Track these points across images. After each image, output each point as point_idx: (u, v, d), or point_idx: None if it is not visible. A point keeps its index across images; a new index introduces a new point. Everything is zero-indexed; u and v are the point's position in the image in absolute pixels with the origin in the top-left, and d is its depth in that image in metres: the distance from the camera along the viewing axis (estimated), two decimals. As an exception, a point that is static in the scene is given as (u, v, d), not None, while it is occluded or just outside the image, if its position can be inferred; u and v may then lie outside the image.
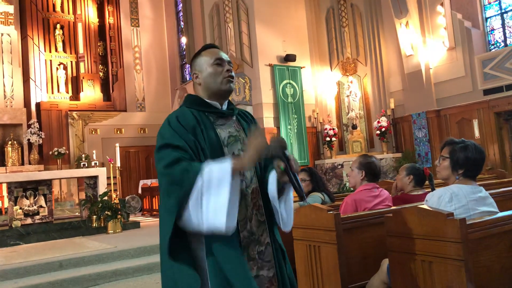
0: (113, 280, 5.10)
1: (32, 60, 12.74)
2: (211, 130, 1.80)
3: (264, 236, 1.78)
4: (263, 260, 1.76)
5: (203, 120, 1.81)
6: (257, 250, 1.75)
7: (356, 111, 11.04)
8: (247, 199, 1.77)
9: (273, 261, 1.78)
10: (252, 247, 1.74)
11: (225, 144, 1.80)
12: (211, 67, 1.86)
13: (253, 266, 1.73)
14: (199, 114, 1.83)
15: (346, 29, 11.31)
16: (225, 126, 1.86)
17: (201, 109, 1.85)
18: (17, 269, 5.03)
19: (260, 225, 1.78)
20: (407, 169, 3.63)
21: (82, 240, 6.85)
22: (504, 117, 8.93)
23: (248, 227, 1.75)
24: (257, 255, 1.75)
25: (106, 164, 10.48)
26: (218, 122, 1.85)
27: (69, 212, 10.31)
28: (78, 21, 13.78)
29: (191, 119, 1.78)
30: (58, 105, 12.86)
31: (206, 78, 1.87)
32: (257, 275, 1.73)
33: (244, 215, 1.75)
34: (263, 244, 1.77)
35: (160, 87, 14.41)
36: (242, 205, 1.74)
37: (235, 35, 10.94)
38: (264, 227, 1.79)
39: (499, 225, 2.26)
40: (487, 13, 9.59)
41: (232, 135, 1.84)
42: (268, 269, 1.76)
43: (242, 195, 1.75)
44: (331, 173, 10.68)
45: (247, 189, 1.78)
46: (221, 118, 1.87)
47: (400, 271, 2.39)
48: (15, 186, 7.74)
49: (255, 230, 1.76)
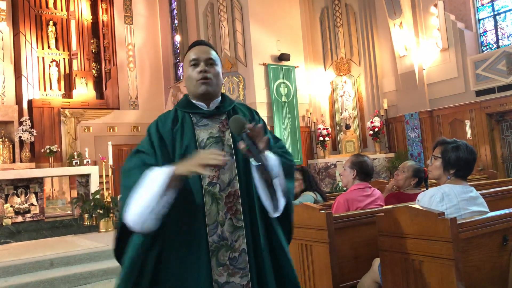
0: (104, 278, 5.08)
1: (24, 57, 12.62)
2: (190, 132, 1.77)
3: (239, 242, 1.71)
4: (235, 267, 1.69)
5: (185, 121, 1.80)
6: (228, 256, 1.69)
7: (349, 111, 11.08)
8: (220, 203, 1.72)
9: (247, 269, 1.70)
10: (222, 252, 1.69)
11: (201, 146, 1.76)
12: (187, 70, 1.84)
13: (223, 272, 1.68)
14: (183, 115, 1.82)
15: (340, 29, 11.34)
16: (208, 126, 1.81)
17: (185, 110, 1.84)
18: (7, 267, 4.99)
19: (235, 230, 1.71)
20: (415, 171, 3.58)
21: (73, 239, 6.81)
22: (496, 118, 9.00)
23: (219, 231, 1.70)
24: (228, 261, 1.69)
25: (98, 162, 10.40)
26: (200, 123, 1.81)
27: (60, 210, 10.23)
28: (71, 18, 13.67)
29: (169, 124, 1.79)
30: (51, 102, 12.75)
31: (186, 80, 1.87)
32: (228, 281, 1.68)
33: (215, 219, 1.70)
34: (237, 250, 1.70)
35: (153, 86, 14.35)
36: (213, 209, 1.71)
37: (229, 34, 10.92)
38: (240, 233, 1.71)
39: (489, 224, 2.28)
40: (480, 15, 9.66)
41: (213, 136, 1.78)
42: (241, 276, 1.69)
43: (213, 198, 1.72)
44: (324, 173, 10.70)
45: (220, 193, 1.72)
46: (205, 118, 1.83)
47: (391, 270, 2.40)
48: (6, 183, 7.67)
49: (227, 235, 1.70)
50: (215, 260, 1.68)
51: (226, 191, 1.73)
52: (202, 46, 1.86)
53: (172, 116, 1.82)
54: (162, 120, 1.82)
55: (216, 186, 1.73)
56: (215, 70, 1.82)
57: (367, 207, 3.22)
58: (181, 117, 1.81)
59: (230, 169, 1.75)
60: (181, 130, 1.78)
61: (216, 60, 1.85)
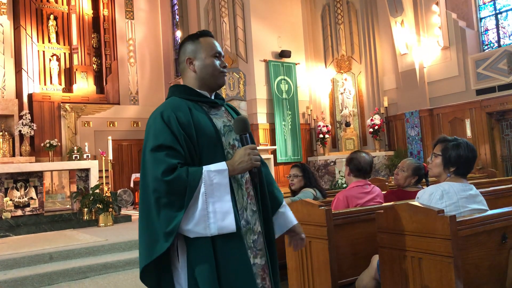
0: (103, 273, 5.08)
1: (24, 51, 12.59)
2: (207, 120, 1.78)
3: (257, 225, 1.80)
4: (257, 249, 1.78)
5: (197, 110, 1.79)
6: (252, 239, 1.77)
7: (349, 109, 11.07)
8: (243, 188, 1.79)
9: (264, 250, 1.80)
10: (248, 235, 1.77)
11: (222, 133, 1.80)
12: (210, 59, 1.84)
13: (250, 254, 1.75)
14: (193, 105, 1.81)
15: (341, 26, 11.32)
16: (218, 115, 1.86)
17: (193, 99, 1.83)
18: (6, 260, 5.00)
19: (253, 214, 1.80)
20: (414, 170, 3.58)
21: (72, 233, 6.82)
22: (496, 117, 9.00)
23: (245, 216, 1.78)
24: (252, 244, 1.77)
25: (98, 157, 10.40)
26: (211, 112, 1.85)
27: (60, 204, 10.24)
28: (72, 12, 13.64)
29: (185, 111, 1.74)
30: (51, 96, 12.74)
31: (202, 68, 1.84)
32: (253, 263, 1.75)
33: (242, 205, 1.78)
34: (256, 233, 1.79)
35: (153, 81, 14.33)
36: (239, 195, 1.78)
37: (230, 30, 10.90)
38: (256, 217, 1.81)
39: (488, 222, 2.28)
40: (482, 13, 9.64)
41: (226, 124, 1.84)
42: (261, 257, 1.78)
43: (238, 185, 1.78)
44: (323, 170, 10.70)
45: (242, 179, 1.79)
46: (213, 108, 1.87)
47: (390, 267, 2.41)
48: (6, 177, 7.67)
49: (250, 219, 1.78)
50: (245, 243, 1.74)
51: (244, 178, 1.80)
52: (214, 40, 1.92)
53: (185, 106, 1.77)
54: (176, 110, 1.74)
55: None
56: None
57: (367, 204, 3.23)
58: (192, 105, 1.80)
59: None
60: (199, 118, 1.77)
61: None
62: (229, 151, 1.79)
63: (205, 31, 1.93)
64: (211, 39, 1.89)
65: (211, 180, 1.65)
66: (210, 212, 1.64)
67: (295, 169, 4.15)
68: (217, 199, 1.65)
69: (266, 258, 1.81)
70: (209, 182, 1.64)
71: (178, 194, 1.61)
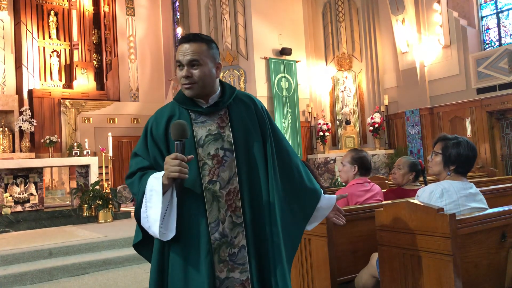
0: (102, 269, 5.10)
1: (25, 47, 12.58)
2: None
3: (238, 239, 1.72)
4: (235, 263, 1.71)
5: (183, 118, 1.76)
6: (228, 252, 1.71)
7: (350, 107, 11.07)
8: (220, 201, 1.73)
9: (247, 265, 1.72)
10: (223, 249, 1.71)
11: (200, 144, 1.74)
12: (177, 69, 1.80)
13: (223, 268, 1.70)
14: (181, 111, 1.80)
15: (342, 24, 11.30)
16: (206, 123, 1.78)
17: (183, 106, 1.81)
18: (6, 256, 5.01)
19: (234, 227, 1.72)
20: (410, 166, 3.59)
21: (72, 229, 6.83)
22: (496, 116, 9.00)
23: (220, 229, 1.71)
24: (228, 257, 1.71)
25: (98, 154, 10.41)
26: (198, 120, 1.78)
27: (60, 200, 10.25)
28: (73, 8, 13.62)
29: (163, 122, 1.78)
30: (51, 92, 12.74)
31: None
32: (227, 276, 1.70)
33: (216, 217, 1.71)
34: (237, 246, 1.72)
35: (154, 78, 14.32)
36: (214, 207, 1.72)
37: (231, 27, 10.89)
38: (240, 230, 1.73)
39: (488, 221, 2.28)
40: (483, 12, 9.63)
41: (211, 133, 1.76)
42: (241, 272, 1.71)
43: (214, 197, 1.72)
44: (323, 168, 10.71)
45: (221, 191, 1.73)
46: (203, 115, 1.79)
47: (389, 265, 2.41)
48: (6, 173, 7.67)
49: (227, 232, 1.71)
50: (217, 257, 1.70)
51: (226, 189, 1.73)
52: (186, 45, 1.74)
53: (168, 113, 1.80)
54: (158, 118, 1.82)
55: (216, 184, 1.73)
56: (201, 72, 1.73)
57: (366, 202, 3.23)
58: (178, 113, 1.79)
59: (230, 166, 1.75)
60: None
61: (203, 58, 1.74)
62: (207, 162, 1.72)
63: (180, 39, 1.80)
64: (178, 48, 1.77)
65: (151, 186, 1.68)
66: (146, 217, 1.70)
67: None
68: (151, 206, 1.68)
69: (251, 273, 1.72)
70: (149, 188, 1.69)
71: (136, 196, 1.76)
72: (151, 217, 1.67)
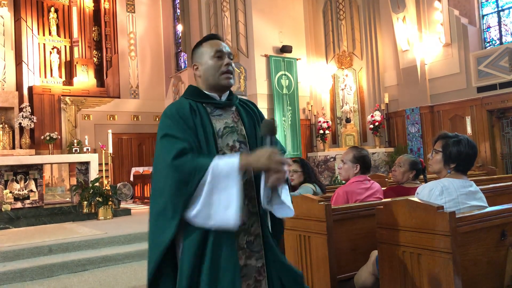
0: (102, 266, 5.10)
1: (25, 43, 12.57)
2: (206, 121, 1.81)
3: (254, 227, 1.80)
4: (251, 250, 1.78)
5: (199, 111, 1.82)
6: (246, 239, 1.78)
7: (350, 105, 11.06)
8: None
9: (262, 252, 1.80)
10: (241, 236, 1.77)
11: (219, 135, 1.81)
12: (211, 60, 1.86)
13: (242, 255, 1.76)
14: (197, 105, 1.84)
15: (343, 22, 11.28)
16: (222, 116, 1.87)
17: (198, 100, 1.86)
18: (6, 252, 5.01)
19: (251, 216, 1.80)
20: (411, 164, 3.59)
21: (72, 226, 6.83)
22: (497, 115, 8.99)
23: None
24: (246, 245, 1.77)
25: (98, 150, 10.40)
26: (215, 113, 1.86)
27: (59, 197, 10.26)
28: (73, 5, 13.60)
29: (187, 111, 1.79)
30: (51, 89, 12.73)
31: (205, 71, 1.87)
32: (246, 264, 1.76)
33: None
34: (253, 234, 1.80)
35: (154, 75, 14.31)
36: None
37: (232, 25, 10.87)
38: (255, 218, 1.81)
39: (487, 219, 2.29)
40: (484, 11, 9.61)
41: (228, 126, 1.85)
42: (257, 259, 1.79)
43: None
44: (323, 166, 10.71)
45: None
46: (218, 108, 1.88)
47: (389, 263, 2.41)
48: (6, 169, 7.67)
49: (246, 220, 1.78)
50: (236, 243, 1.74)
51: (244, 179, 1.77)
52: (220, 41, 1.91)
53: (187, 105, 1.82)
54: (179, 108, 1.80)
55: None
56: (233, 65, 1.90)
57: (366, 199, 3.23)
58: (195, 106, 1.84)
59: None
60: (200, 119, 1.80)
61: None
62: (226, 152, 1.80)
63: (210, 35, 1.95)
64: (215, 41, 1.90)
65: (218, 169, 1.63)
66: (214, 202, 1.63)
67: (294, 165, 4.15)
68: (223, 190, 1.63)
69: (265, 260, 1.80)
70: (216, 171, 1.63)
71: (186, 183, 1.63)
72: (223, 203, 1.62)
